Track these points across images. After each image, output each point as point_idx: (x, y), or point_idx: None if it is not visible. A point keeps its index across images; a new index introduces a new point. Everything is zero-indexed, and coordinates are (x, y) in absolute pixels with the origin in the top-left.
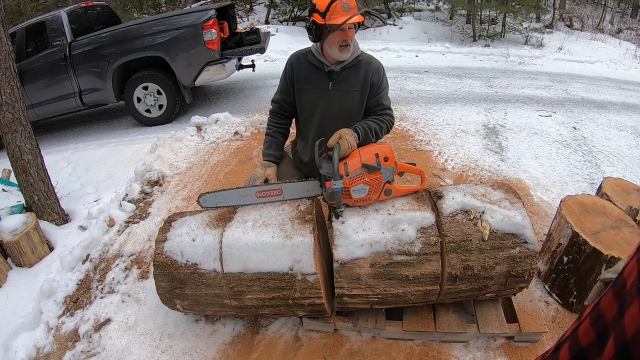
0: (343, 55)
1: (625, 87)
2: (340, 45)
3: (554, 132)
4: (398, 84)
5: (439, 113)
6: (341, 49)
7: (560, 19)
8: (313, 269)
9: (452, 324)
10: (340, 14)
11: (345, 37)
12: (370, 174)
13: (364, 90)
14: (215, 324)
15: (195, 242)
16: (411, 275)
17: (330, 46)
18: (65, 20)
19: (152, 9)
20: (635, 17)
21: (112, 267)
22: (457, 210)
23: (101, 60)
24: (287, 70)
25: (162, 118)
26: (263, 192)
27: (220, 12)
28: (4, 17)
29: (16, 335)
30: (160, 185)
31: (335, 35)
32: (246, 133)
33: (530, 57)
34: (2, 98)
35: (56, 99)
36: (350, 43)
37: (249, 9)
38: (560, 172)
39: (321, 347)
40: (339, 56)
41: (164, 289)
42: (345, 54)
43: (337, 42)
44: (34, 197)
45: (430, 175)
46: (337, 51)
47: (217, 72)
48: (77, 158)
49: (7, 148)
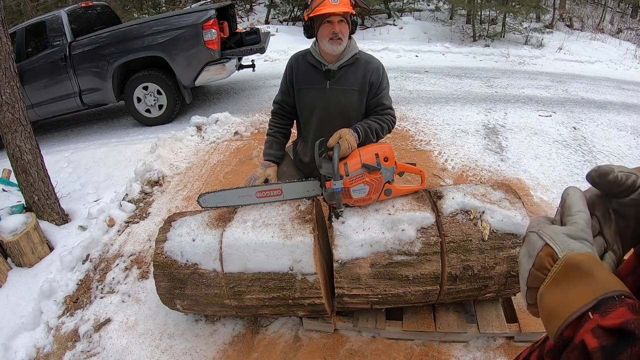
0: (334, 48)
1: (625, 87)
2: (330, 38)
3: (554, 132)
4: (398, 84)
5: (439, 113)
6: (332, 41)
7: (560, 19)
8: (313, 269)
9: (452, 324)
10: (327, 5)
11: (334, 29)
12: (370, 174)
13: (363, 90)
14: (215, 324)
15: (195, 242)
16: (411, 275)
17: (322, 40)
18: (65, 20)
19: (152, 9)
20: (635, 17)
21: (112, 267)
22: (457, 210)
23: (101, 60)
24: (287, 71)
25: (162, 118)
26: (263, 192)
27: (220, 12)
28: (4, 17)
29: (16, 335)
30: (160, 185)
31: (324, 27)
32: (246, 133)
33: (530, 57)
34: (2, 98)
35: (56, 99)
36: (342, 36)
37: (249, 9)
38: (560, 172)
39: (321, 347)
40: (331, 49)
41: (164, 289)
42: (336, 46)
43: (326, 35)
44: (34, 197)
45: (430, 175)
46: (329, 44)
47: (217, 72)
48: (77, 158)
49: (7, 148)
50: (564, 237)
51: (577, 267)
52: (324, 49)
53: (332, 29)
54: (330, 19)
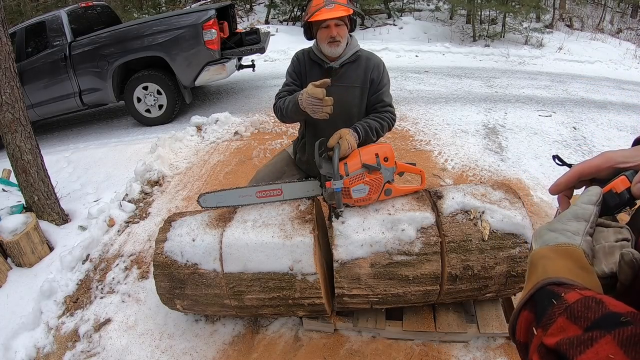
0: (333, 50)
1: (625, 87)
2: (328, 41)
3: (554, 132)
4: (398, 84)
5: (439, 113)
6: (330, 45)
7: (560, 19)
8: (313, 269)
9: (452, 324)
10: (323, 12)
11: (332, 34)
12: (370, 174)
13: (364, 86)
14: (215, 324)
15: (195, 242)
16: (411, 275)
17: (321, 43)
18: (65, 20)
19: (152, 9)
20: (635, 17)
21: (112, 267)
22: (457, 210)
23: (101, 60)
24: (294, 62)
25: (162, 118)
26: (263, 192)
27: (220, 12)
28: (4, 17)
29: (16, 335)
30: (160, 185)
31: (322, 32)
32: (246, 133)
33: (530, 57)
34: (2, 98)
35: (56, 99)
36: (340, 38)
37: (249, 9)
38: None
39: (321, 347)
40: (329, 52)
41: (164, 289)
42: (334, 49)
43: (324, 39)
44: (34, 197)
45: (430, 175)
46: (327, 47)
47: (217, 72)
48: (77, 158)
49: (7, 148)
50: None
51: (532, 262)
52: (324, 51)
53: (330, 33)
54: (327, 23)
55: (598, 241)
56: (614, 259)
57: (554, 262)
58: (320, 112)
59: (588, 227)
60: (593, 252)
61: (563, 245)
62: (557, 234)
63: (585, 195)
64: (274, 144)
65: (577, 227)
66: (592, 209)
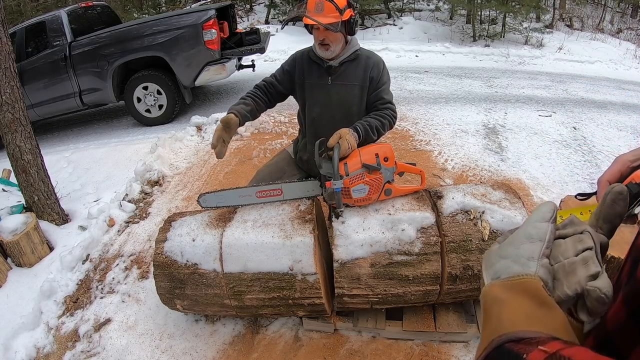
0: (322, 53)
1: (625, 87)
2: (319, 43)
3: (554, 132)
4: (398, 84)
5: (439, 113)
6: (320, 47)
7: (560, 19)
8: (313, 269)
9: (452, 324)
10: (312, 14)
11: (319, 37)
12: (370, 174)
13: (364, 85)
14: (215, 324)
15: (195, 242)
16: (411, 275)
17: (314, 42)
18: (65, 20)
19: (152, 9)
20: (635, 17)
21: (112, 267)
22: (457, 210)
23: (101, 60)
24: (290, 62)
25: (162, 118)
26: (263, 192)
27: (220, 12)
28: (4, 17)
29: (16, 335)
30: (160, 185)
31: (315, 32)
32: (246, 133)
33: (530, 57)
34: (2, 98)
35: (56, 99)
36: (329, 42)
37: (249, 9)
38: (560, 172)
39: (321, 347)
40: (319, 53)
41: (164, 289)
42: (324, 52)
43: (316, 40)
44: (34, 197)
45: (430, 175)
46: (318, 48)
47: (217, 72)
48: (77, 158)
49: (7, 148)
50: (496, 257)
51: (484, 307)
52: (315, 51)
53: (319, 35)
54: (316, 25)
55: (556, 258)
56: (576, 277)
57: (509, 308)
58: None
59: (544, 248)
60: (553, 273)
61: (516, 278)
62: (510, 261)
63: (536, 212)
64: (274, 144)
65: (531, 251)
66: (546, 227)
